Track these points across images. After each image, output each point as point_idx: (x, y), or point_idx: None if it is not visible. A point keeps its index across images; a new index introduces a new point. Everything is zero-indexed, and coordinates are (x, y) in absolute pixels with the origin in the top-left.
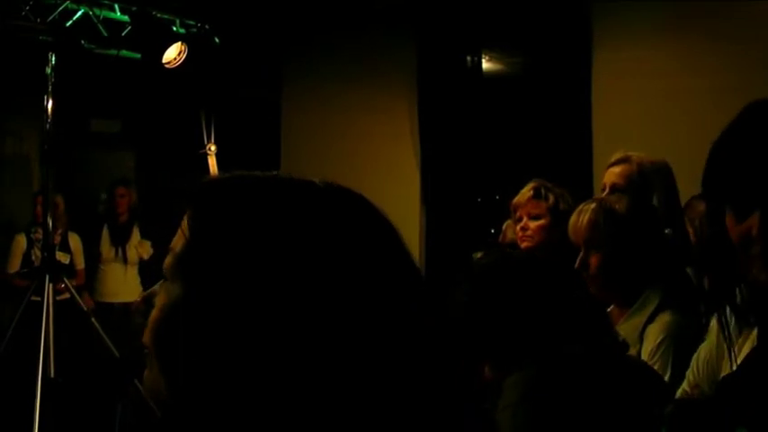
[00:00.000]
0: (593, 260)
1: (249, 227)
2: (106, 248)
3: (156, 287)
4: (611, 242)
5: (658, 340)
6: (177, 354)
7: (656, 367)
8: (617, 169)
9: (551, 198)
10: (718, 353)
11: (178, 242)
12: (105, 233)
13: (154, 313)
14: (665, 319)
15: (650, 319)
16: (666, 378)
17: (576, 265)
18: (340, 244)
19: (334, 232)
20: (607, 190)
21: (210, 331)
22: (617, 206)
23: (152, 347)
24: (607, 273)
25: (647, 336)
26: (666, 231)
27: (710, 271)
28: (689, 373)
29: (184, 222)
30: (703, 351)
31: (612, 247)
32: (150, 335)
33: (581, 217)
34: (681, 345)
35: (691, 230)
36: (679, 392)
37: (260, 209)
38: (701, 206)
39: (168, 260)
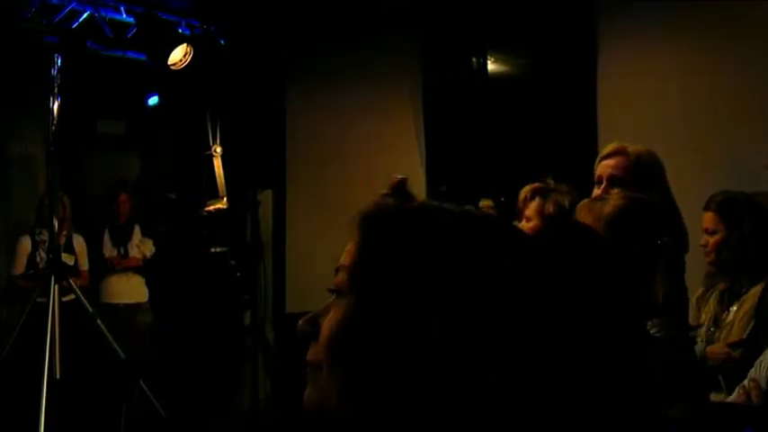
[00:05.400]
0: None
1: (417, 247)
2: (108, 250)
3: (318, 310)
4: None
5: None
6: (356, 366)
7: None
8: (612, 161)
9: (553, 199)
10: None
11: (347, 260)
12: (107, 235)
13: (326, 329)
14: None
15: None
16: None
17: None
18: (491, 268)
19: (485, 257)
20: (604, 183)
21: (388, 343)
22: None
23: (327, 361)
24: None
25: None
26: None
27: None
28: (751, 371)
29: (355, 242)
30: None
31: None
32: (326, 349)
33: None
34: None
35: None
36: (738, 388)
37: (427, 232)
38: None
39: (340, 277)
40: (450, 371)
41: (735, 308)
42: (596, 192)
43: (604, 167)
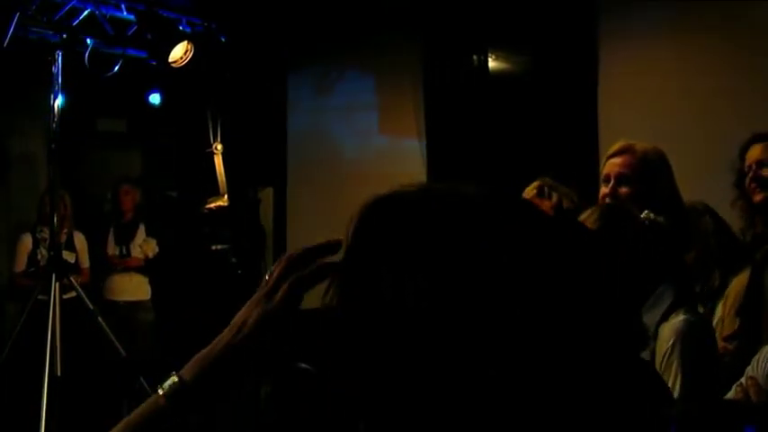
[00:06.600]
0: None
1: (409, 241)
2: (111, 247)
3: None
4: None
5: (670, 342)
6: (355, 360)
7: (671, 368)
8: (619, 159)
9: (555, 197)
10: None
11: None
12: (111, 233)
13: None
14: (678, 318)
15: (664, 318)
16: (678, 379)
17: None
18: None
19: (485, 238)
20: (612, 181)
21: (374, 337)
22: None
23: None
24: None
25: (660, 335)
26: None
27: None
28: (749, 368)
29: (347, 233)
30: (766, 349)
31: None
32: None
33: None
34: (692, 346)
35: None
36: (735, 386)
37: (423, 222)
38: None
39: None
40: (447, 367)
41: (721, 304)
42: (604, 190)
43: (612, 166)
